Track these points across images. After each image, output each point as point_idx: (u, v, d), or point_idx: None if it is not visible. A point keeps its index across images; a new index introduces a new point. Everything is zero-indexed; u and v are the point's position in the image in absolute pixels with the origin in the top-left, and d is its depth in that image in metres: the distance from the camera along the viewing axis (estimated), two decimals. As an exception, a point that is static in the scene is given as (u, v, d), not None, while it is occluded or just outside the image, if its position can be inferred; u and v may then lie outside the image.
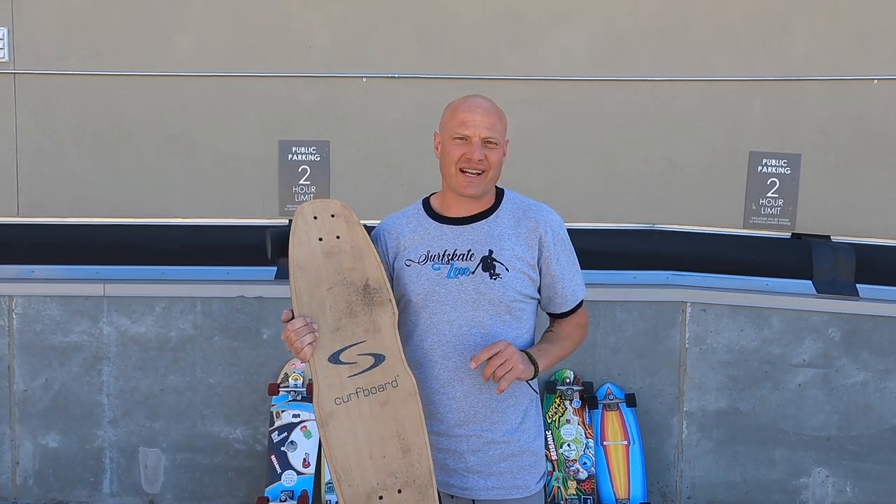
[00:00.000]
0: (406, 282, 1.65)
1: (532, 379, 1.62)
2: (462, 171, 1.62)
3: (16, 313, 3.13)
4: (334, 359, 1.55)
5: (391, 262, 1.70)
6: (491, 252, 1.63)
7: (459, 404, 1.63)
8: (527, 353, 1.61)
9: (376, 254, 1.61)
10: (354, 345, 1.56)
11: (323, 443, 1.53)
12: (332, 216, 1.60)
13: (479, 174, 1.62)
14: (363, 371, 1.56)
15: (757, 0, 3.40)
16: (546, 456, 2.93)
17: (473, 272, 1.62)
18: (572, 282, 1.70)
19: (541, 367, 1.61)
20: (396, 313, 1.60)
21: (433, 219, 1.69)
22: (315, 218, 1.59)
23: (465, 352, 1.62)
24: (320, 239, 1.58)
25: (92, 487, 3.17)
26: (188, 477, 3.17)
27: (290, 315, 1.56)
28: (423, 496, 1.54)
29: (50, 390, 3.15)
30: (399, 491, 1.53)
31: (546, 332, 1.74)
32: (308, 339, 1.52)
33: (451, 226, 1.67)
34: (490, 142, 1.63)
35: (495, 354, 1.53)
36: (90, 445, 3.16)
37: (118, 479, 3.17)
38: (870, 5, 3.37)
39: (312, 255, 1.57)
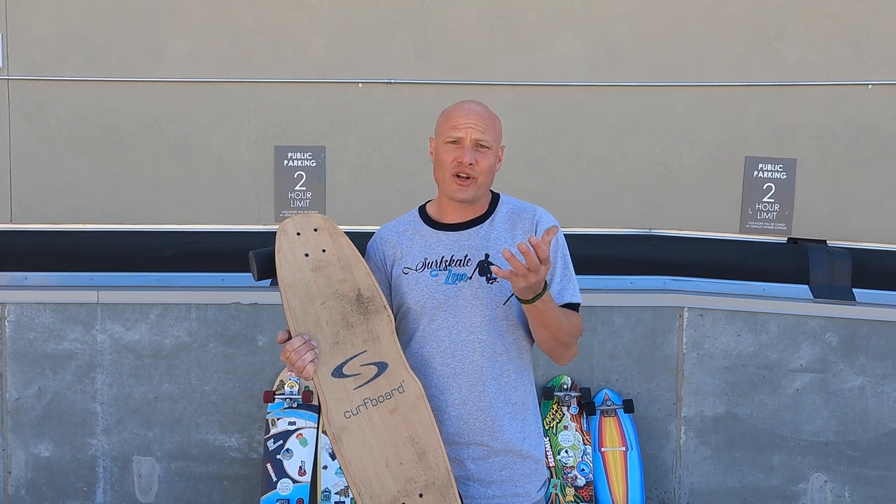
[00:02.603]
0: (405, 290, 1.65)
1: (528, 302, 1.50)
2: (456, 175, 1.62)
3: (8, 321, 3.10)
4: (337, 373, 1.54)
5: (389, 270, 1.69)
6: (487, 256, 1.63)
7: (458, 412, 1.62)
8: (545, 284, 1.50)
9: (364, 263, 1.60)
10: (356, 356, 1.55)
11: (338, 458, 1.53)
12: (315, 230, 1.59)
13: (468, 178, 1.62)
14: (368, 381, 1.55)
15: (751, 6, 3.41)
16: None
17: (470, 277, 1.62)
18: (561, 283, 1.66)
19: (543, 297, 1.50)
20: (393, 319, 1.59)
21: (429, 226, 1.69)
22: (298, 234, 1.58)
23: (463, 358, 1.61)
24: (306, 254, 1.57)
25: (85, 497, 3.14)
26: (183, 486, 3.14)
27: (286, 335, 1.54)
28: (444, 497, 1.54)
29: (43, 399, 3.12)
30: (420, 495, 1.53)
31: None
32: (309, 356, 1.51)
33: (447, 232, 1.67)
34: (482, 145, 1.62)
35: (530, 267, 1.41)
36: (83, 454, 3.13)
37: (112, 489, 3.14)
38: (864, 10, 3.39)
39: (300, 271, 1.56)
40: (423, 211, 1.73)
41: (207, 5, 3.38)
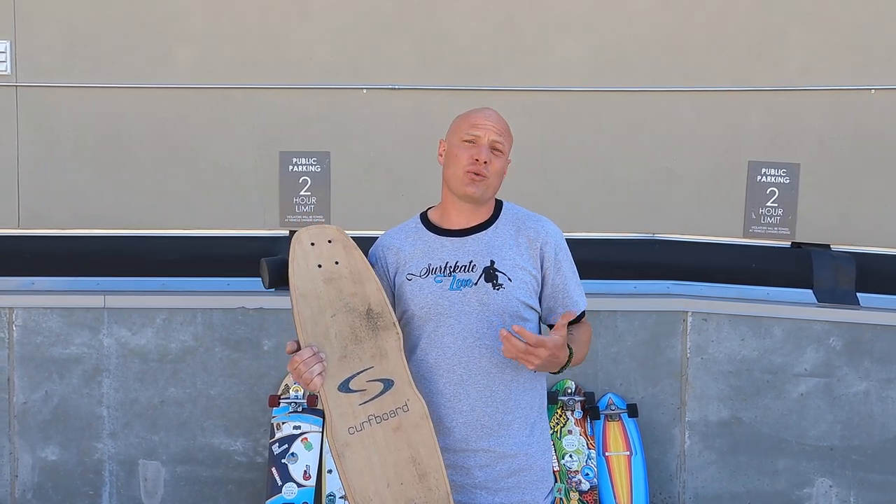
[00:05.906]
0: (408, 296, 1.65)
1: (558, 371, 1.58)
2: (468, 172, 1.63)
3: (16, 325, 3.12)
4: (344, 387, 1.54)
5: (392, 278, 1.69)
6: (493, 262, 1.63)
7: (466, 418, 1.62)
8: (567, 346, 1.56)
9: (376, 278, 1.60)
10: (362, 371, 1.55)
11: (340, 474, 1.52)
12: (329, 242, 1.59)
13: (480, 176, 1.63)
14: (373, 398, 1.55)
15: (754, 10, 3.42)
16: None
17: (476, 283, 1.62)
18: (574, 292, 1.70)
19: (571, 362, 1.58)
20: (401, 336, 1.59)
21: (432, 232, 1.69)
22: (312, 244, 1.58)
23: (470, 364, 1.61)
24: (319, 265, 1.57)
25: (91, 501, 3.15)
26: (188, 490, 3.15)
27: (296, 346, 1.54)
28: None
29: (50, 403, 3.14)
30: None
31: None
32: (317, 368, 1.51)
33: (450, 238, 1.67)
34: (496, 148, 1.65)
35: (534, 346, 1.47)
36: (90, 458, 3.15)
37: (118, 493, 3.15)
38: (867, 15, 3.39)
39: (313, 281, 1.56)
40: (424, 217, 1.73)
41: (212, 12, 3.41)
